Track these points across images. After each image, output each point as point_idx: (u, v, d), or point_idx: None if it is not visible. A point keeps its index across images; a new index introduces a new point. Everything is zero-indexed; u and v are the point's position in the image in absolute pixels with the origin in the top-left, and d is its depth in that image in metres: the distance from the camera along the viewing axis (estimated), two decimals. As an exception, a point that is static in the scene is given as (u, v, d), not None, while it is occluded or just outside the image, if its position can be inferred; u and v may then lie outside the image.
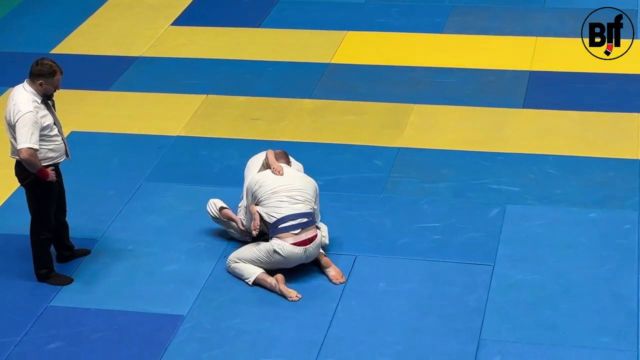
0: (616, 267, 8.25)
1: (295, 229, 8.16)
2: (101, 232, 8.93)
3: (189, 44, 12.50)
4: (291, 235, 8.14)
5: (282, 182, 8.39)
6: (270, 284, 8.12)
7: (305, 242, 8.15)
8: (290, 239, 8.13)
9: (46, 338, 7.74)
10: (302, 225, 8.18)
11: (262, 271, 8.19)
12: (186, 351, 7.57)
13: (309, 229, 8.21)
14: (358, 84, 11.36)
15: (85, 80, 11.62)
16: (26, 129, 7.73)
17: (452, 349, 7.47)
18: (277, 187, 8.33)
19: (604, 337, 7.52)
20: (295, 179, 8.44)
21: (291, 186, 8.35)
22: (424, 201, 9.21)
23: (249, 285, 8.17)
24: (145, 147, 10.27)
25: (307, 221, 8.22)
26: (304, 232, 8.17)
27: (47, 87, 7.86)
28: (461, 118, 10.62)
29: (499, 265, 8.33)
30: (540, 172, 9.60)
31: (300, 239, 8.14)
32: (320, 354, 7.48)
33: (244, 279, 8.22)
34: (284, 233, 8.15)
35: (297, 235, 8.15)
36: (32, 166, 7.82)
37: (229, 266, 8.34)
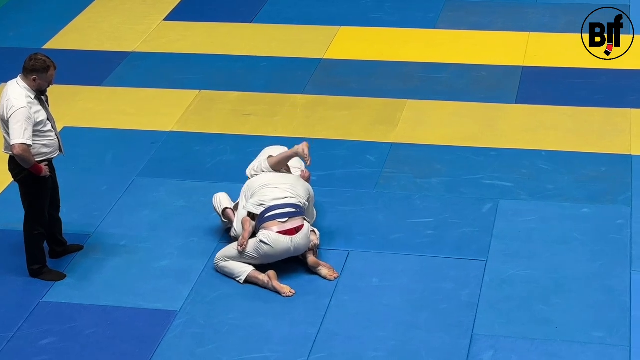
0: (609, 262, 8.26)
1: (281, 217, 8.15)
2: (94, 228, 8.92)
3: (182, 39, 12.49)
4: (277, 224, 8.12)
5: (275, 178, 8.42)
6: (263, 281, 8.10)
7: (292, 232, 8.12)
8: (276, 227, 8.10)
9: (39, 334, 7.73)
10: (289, 215, 8.17)
11: (252, 268, 8.16)
12: (179, 346, 7.57)
13: (295, 219, 8.18)
14: (351, 80, 11.36)
15: (78, 76, 11.59)
16: (19, 124, 7.71)
17: (445, 344, 7.47)
18: (268, 181, 8.37)
19: (597, 332, 7.53)
20: (288, 178, 8.47)
21: (282, 182, 8.37)
22: (417, 196, 9.22)
23: (241, 283, 8.15)
24: (138, 142, 10.26)
25: (294, 211, 8.20)
26: (290, 222, 8.15)
27: (41, 82, 7.84)
28: (454, 113, 10.62)
29: (492, 261, 8.34)
30: (533, 167, 9.60)
31: (286, 228, 8.12)
32: (314, 349, 7.48)
33: (234, 277, 8.18)
34: (270, 222, 8.14)
35: (283, 224, 8.12)
36: (26, 162, 7.81)
37: (217, 265, 8.31)
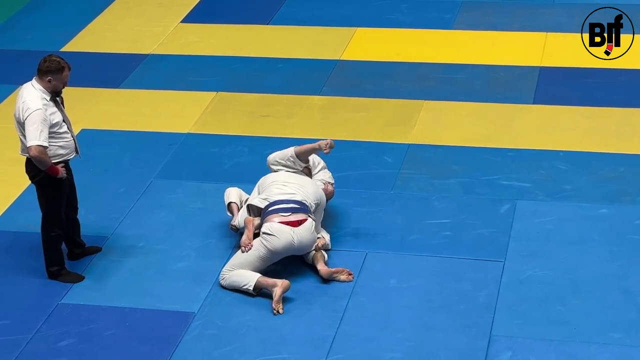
0: (627, 262, 8.24)
1: (285, 211, 8.14)
2: (112, 230, 8.94)
3: (199, 41, 12.51)
4: (279, 217, 8.12)
5: (286, 176, 8.46)
6: (271, 284, 7.87)
7: (294, 224, 8.09)
8: (278, 219, 8.10)
9: (58, 335, 7.76)
10: (293, 210, 8.16)
11: (260, 275, 8.00)
12: (197, 348, 7.58)
13: (299, 214, 8.16)
14: (368, 81, 11.35)
15: (96, 78, 11.63)
16: (35, 126, 7.74)
17: (463, 345, 7.46)
18: (278, 179, 8.42)
19: (615, 333, 7.51)
20: (300, 178, 8.49)
21: (293, 181, 8.39)
22: (434, 197, 9.20)
23: (251, 292, 7.94)
24: (156, 144, 10.28)
25: (298, 208, 8.18)
26: (293, 215, 8.13)
27: (56, 83, 7.87)
28: (471, 114, 10.60)
29: (510, 261, 8.32)
30: (551, 167, 9.58)
31: (289, 220, 8.11)
32: (331, 351, 7.48)
33: (242, 286, 7.98)
34: (272, 214, 8.15)
35: (286, 217, 8.12)
36: (42, 163, 7.84)
37: (222, 280, 8.07)
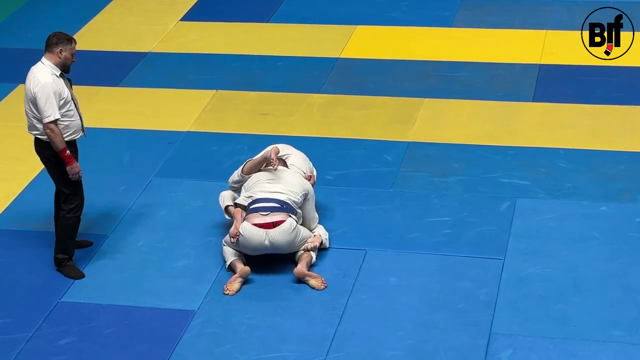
0: (628, 260, 8.23)
1: (264, 210, 8.16)
2: (112, 228, 8.94)
3: (198, 39, 12.50)
4: (258, 216, 8.15)
5: (269, 174, 8.45)
6: (237, 268, 8.16)
7: (269, 225, 8.10)
8: (256, 220, 8.13)
9: (57, 334, 7.76)
10: (272, 209, 8.17)
11: (237, 257, 8.22)
12: (197, 346, 7.58)
13: (277, 214, 8.17)
14: (368, 79, 11.35)
15: (95, 77, 11.62)
16: (46, 98, 7.82)
17: (463, 343, 7.46)
18: (262, 177, 8.42)
19: (616, 331, 7.51)
20: (284, 172, 8.46)
21: (276, 178, 8.38)
22: (434, 195, 9.20)
23: (226, 269, 8.25)
24: (156, 142, 10.28)
25: (279, 207, 8.19)
26: (271, 216, 8.15)
27: (66, 54, 7.96)
28: (471, 112, 10.60)
29: (510, 259, 8.31)
30: (551, 165, 9.57)
31: (265, 221, 8.12)
32: (331, 349, 7.48)
33: (224, 262, 8.32)
34: (252, 213, 8.18)
35: (264, 217, 8.14)
36: (54, 138, 7.85)
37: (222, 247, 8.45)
